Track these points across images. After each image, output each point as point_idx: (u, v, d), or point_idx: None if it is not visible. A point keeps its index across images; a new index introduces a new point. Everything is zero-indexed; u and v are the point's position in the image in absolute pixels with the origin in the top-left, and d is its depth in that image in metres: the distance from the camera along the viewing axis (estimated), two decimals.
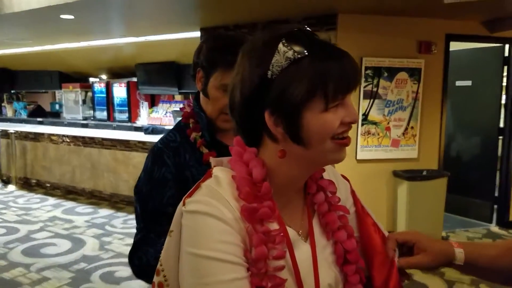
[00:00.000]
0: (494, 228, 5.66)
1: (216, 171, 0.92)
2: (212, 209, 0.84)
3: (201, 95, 1.53)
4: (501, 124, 5.66)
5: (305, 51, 0.83)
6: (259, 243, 0.84)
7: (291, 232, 0.93)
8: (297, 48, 0.83)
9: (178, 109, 7.18)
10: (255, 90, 0.86)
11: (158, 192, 1.42)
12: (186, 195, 0.90)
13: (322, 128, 0.85)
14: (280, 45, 0.83)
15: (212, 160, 0.98)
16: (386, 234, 1.07)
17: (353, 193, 1.12)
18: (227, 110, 1.40)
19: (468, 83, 5.87)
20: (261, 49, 0.87)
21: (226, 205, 0.85)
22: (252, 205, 0.85)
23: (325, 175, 1.04)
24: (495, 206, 5.79)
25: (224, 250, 0.81)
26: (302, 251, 0.93)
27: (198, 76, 1.49)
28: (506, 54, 5.52)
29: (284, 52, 0.83)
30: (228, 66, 1.37)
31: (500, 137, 5.68)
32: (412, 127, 5.08)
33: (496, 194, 5.77)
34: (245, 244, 0.85)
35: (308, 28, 0.89)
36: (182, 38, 6.45)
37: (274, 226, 0.88)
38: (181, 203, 0.90)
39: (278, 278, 0.85)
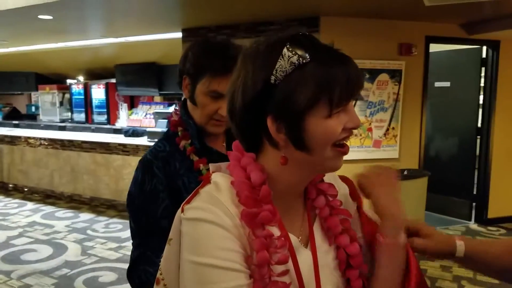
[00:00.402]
0: (473, 225, 5.78)
1: (215, 176, 0.91)
2: (211, 215, 0.83)
3: (188, 102, 1.51)
4: (479, 124, 5.79)
5: (310, 56, 0.82)
6: (260, 247, 0.83)
7: (292, 238, 0.92)
8: (301, 53, 0.82)
9: (161, 111, 7.19)
10: (258, 95, 0.85)
11: (151, 205, 1.40)
12: (184, 202, 0.89)
13: (325, 134, 0.84)
14: (285, 50, 0.82)
15: (211, 165, 0.97)
16: None
17: (356, 194, 1.10)
18: (217, 116, 1.43)
19: (447, 84, 5.97)
20: (264, 54, 0.86)
21: (225, 212, 0.84)
22: (252, 209, 0.84)
23: (325, 179, 1.03)
24: (474, 204, 5.93)
25: (225, 257, 0.81)
26: (303, 257, 0.92)
27: (185, 83, 1.48)
28: (484, 55, 5.66)
29: (289, 57, 0.82)
30: (215, 71, 1.37)
31: (478, 137, 5.81)
32: (393, 128, 5.15)
33: (475, 192, 5.90)
34: (245, 250, 0.84)
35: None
36: (163, 39, 6.40)
37: (275, 230, 0.87)
38: (180, 209, 0.89)
39: (280, 283, 0.84)
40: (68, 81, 9.48)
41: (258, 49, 0.88)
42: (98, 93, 8.47)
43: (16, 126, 9.16)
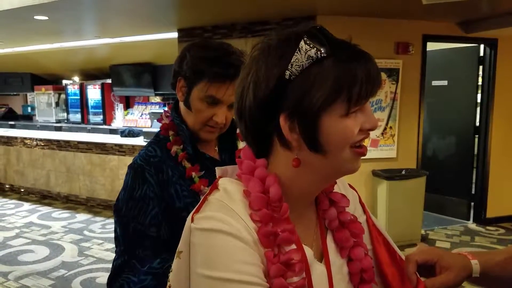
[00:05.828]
0: (471, 225, 5.76)
1: (224, 182, 0.85)
2: (228, 227, 0.76)
3: (181, 105, 1.45)
4: (477, 123, 5.77)
5: (329, 51, 0.76)
6: (277, 273, 0.78)
7: (307, 252, 0.86)
8: (320, 47, 0.76)
9: (157, 111, 7.16)
10: (271, 91, 0.78)
11: (140, 212, 1.32)
12: (193, 211, 0.82)
13: (342, 134, 0.78)
14: (302, 43, 0.76)
15: (217, 169, 0.91)
16: (396, 248, 1.02)
17: (361, 203, 1.06)
18: (211, 123, 1.39)
19: (444, 83, 5.96)
20: (278, 48, 0.80)
21: (242, 224, 0.78)
22: (272, 229, 0.79)
23: (335, 187, 0.98)
24: (472, 204, 5.91)
25: (244, 271, 0.74)
26: (317, 272, 0.87)
27: (179, 85, 1.41)
28: (481, 54, 5.64)
29: (306, 51, 0.76)
30: (214, 77, 1.32)
31: (476, 136, 5.79)
32: (390, 127, 5.13)
33: (473, 191, 5.87)
34: (263, 264, 0.79)
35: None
36: (159, 39, 6.37)
37: (292, 247, 0.82)
38: (189, 219, 0.81)
39: None
40: (64, 81, 9.47)
41: (270, 44, 0.82)
42: (93, 93, 8.47)
43: (12, 126, 9.15)
